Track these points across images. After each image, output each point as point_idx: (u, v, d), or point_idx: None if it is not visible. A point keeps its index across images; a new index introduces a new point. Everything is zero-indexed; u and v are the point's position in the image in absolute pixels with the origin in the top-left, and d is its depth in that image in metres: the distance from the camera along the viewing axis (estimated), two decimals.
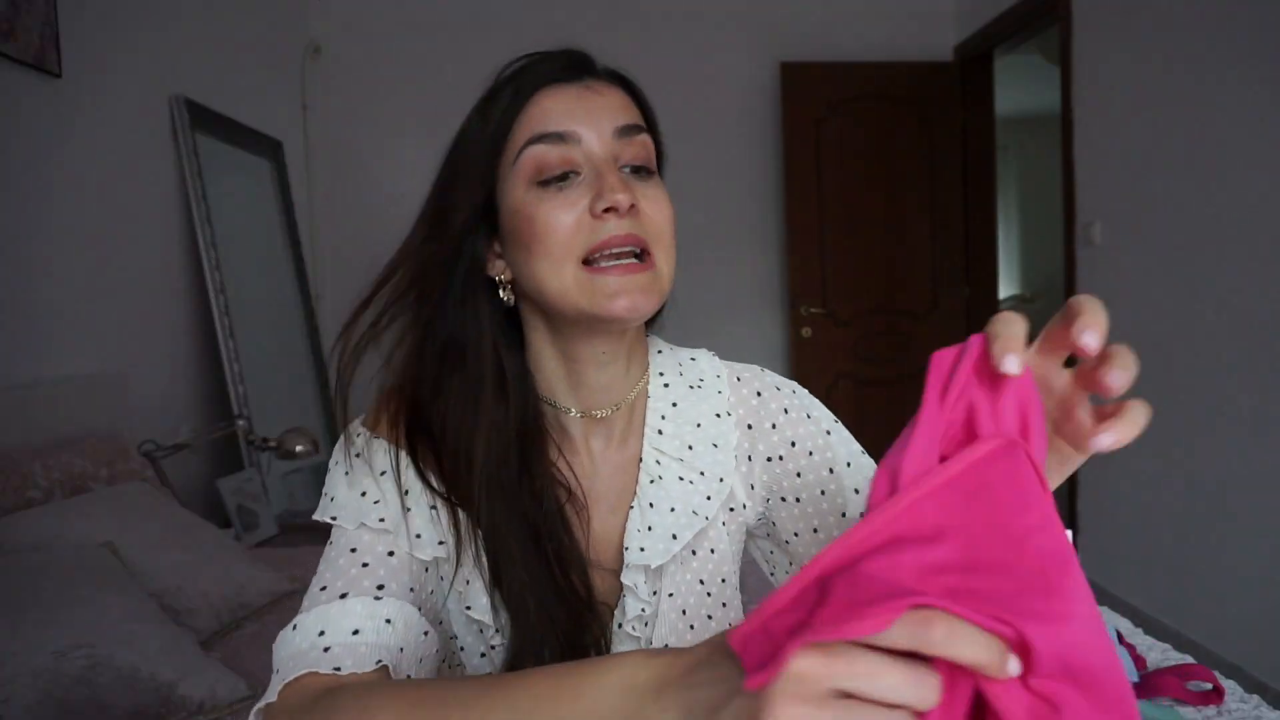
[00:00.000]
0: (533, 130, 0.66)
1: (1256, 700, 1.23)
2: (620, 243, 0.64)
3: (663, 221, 0.67)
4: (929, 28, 3.98)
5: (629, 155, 0.67)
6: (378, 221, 3.84)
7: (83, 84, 2.17)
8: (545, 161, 0.65)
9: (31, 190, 2.00)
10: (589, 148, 0.66)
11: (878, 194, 3.90)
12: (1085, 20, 3.02)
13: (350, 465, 0.68)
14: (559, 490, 0.71)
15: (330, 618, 0.60)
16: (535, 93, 0.67)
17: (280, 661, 0.59)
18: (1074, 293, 3.16)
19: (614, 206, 0.63)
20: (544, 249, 0.64)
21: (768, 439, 0.76)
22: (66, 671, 1.20)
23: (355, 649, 0.58)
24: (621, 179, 0.65)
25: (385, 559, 0.64)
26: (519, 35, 4.20)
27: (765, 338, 4.05)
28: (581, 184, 0.65)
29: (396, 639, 0.60)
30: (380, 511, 0.66)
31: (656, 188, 0.68)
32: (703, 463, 0.74)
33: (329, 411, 3.46)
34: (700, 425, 0.75)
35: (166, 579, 1.60)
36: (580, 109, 0.66)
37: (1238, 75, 2.34)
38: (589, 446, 0.74)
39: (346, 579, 0.62)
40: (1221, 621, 2.48)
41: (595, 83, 0.69)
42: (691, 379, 0.78)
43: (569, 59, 0.69)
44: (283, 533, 2.59)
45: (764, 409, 0.77)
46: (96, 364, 2.19)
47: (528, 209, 0.65)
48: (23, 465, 1.69)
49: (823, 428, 0.77)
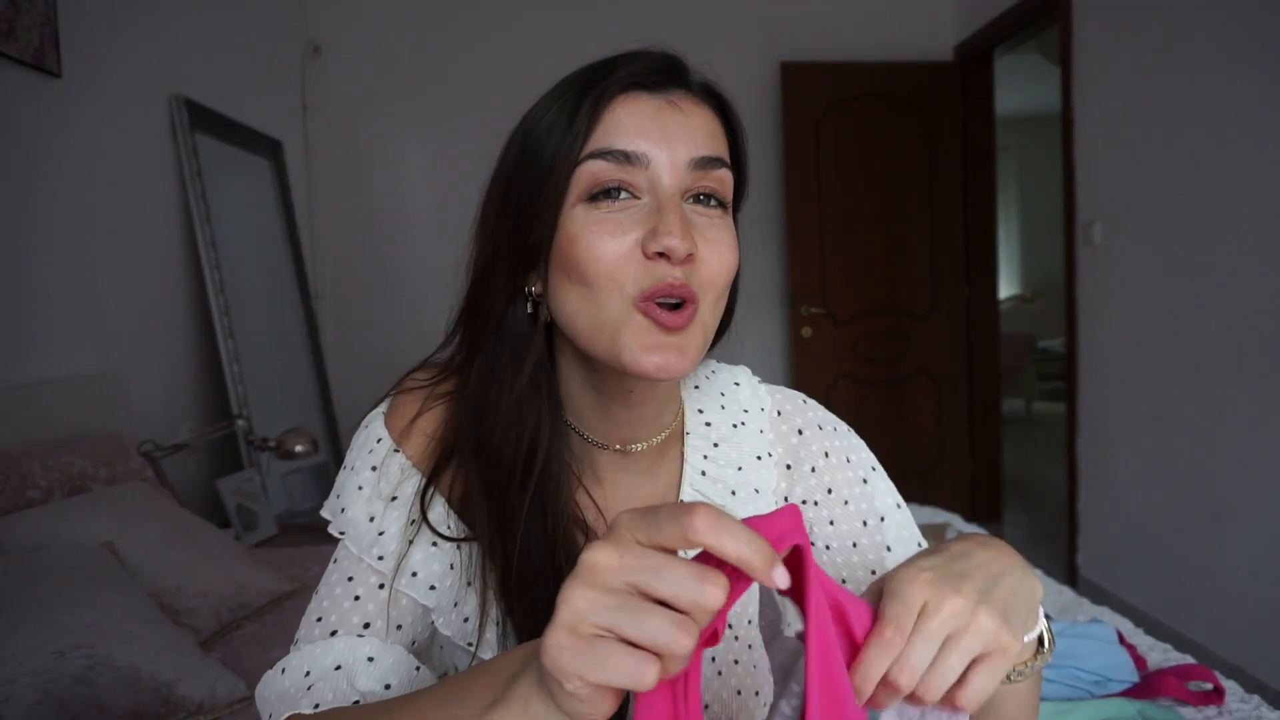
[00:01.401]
0: (599, 143, 0.58)
1: (1257, 700, 1.22)
2: (667, 293, 0.57)
3: (719, 270, 0.59)
4: (929, 28, 3.98)
5: (700, 188, 0.60)
6: (378, 221, 3.85)
7: (83, 84, 2.17)
8: (601, 179, 0.58)
9: (31, 190, 2.00)
10: (656, 174, 0.58)
11: (878, 194, 3.90)
12: (1085, 20, 3.02)
13: (363, 479, 0.66)
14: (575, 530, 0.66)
15: (314, 658, 0.60)
16: (611, 99, 0.59)
17: (267, 704, 0.59)
18: (1074, 293, 3.16)
19: (668, 253, 0.56)
20: (582, 276, 0.57)
21: (805, 482, 0.73)
22: (66, 671, 1.20)
23: (337, 684, 0.58)
24: (684, 220, 0.57)
25: (376, 592, 0.63)
26: (519, 35, 4.18)
27: (765, 338, 4.05)
28: (639, 211, 0.58)
29: (382, 675, 0.60)
30: (381, 547, 0.63)
31: (722, 230, 0.60)
32: (743, 509, 0.70)
33: (329, 411, 3.46)
34: (741, 469, 0.72)
35: (166, 579, 1.60)
36: (656, 127, 0.58)
37: (1238, 75, 2.34)
38: (616, 480, 0.69)
39: (340, 613, 0.62)
40: (1221, 621, 2.48)
41: (683, 97, 0.61)
42: (734, 415, 0.74)
43: (658, 62, 0.61)
44: (282, 533, 2.59)
45: (804, 449, 0.74)
46: (96, 364, 2.19)
47: (574, 228, 0.58)
48: (22, 465, 1.68)
49: (860, 475, 0.73)
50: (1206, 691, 1.23)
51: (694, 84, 0.63)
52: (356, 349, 3.76)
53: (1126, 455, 2.90)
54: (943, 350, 3.99)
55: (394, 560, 0.63)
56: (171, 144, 2.60)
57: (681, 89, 0.61)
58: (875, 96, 3.86)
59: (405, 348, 3.79)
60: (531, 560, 0.63)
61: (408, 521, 0.64)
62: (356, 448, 0.68)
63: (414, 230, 3.80)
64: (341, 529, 0.65)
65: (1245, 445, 2.38)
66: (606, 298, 0.57)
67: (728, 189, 0.62)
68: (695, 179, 0.59)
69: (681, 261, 0.57)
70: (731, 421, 0.73)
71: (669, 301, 0.57)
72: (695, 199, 0.60)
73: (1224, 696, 1.22)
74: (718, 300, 0.61)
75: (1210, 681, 1.25)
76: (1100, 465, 3.08)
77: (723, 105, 0.64)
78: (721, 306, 0.62)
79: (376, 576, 0.63)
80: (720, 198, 0.61)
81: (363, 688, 0.58)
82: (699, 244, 0.58)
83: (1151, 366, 2.75)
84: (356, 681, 0.58)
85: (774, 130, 3.92)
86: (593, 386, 0.66)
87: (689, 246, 0.56)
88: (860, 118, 3.85)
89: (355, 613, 0.62)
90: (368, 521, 0.64)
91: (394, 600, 0.63)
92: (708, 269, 0.59)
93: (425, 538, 0.64)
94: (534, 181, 0.59)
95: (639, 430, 0.68)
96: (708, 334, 0.61)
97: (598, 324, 0.58)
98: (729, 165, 0.62)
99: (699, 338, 0.59)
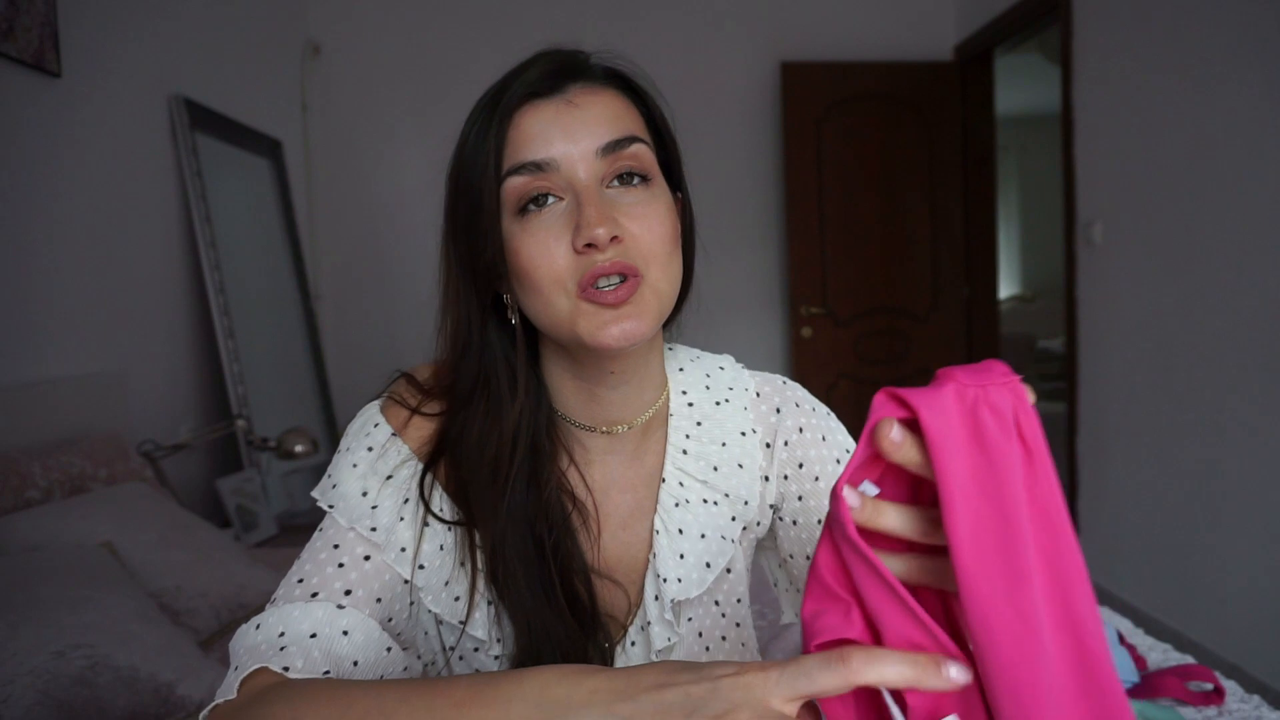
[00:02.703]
0: (511, 159, 0.62)
1: (1257, 700, 1.22)
2: (606, 273, 0.60)
3: (652, 239, 0.62)
4: (929, 28, 3.98)
5: (617, 169, 0.63)
6: (378, 221, 3.85)
7: (82, 84, 2.17)
8: (523, 192, 0.62)
9: (31, 190, 2.00)
10: (569, 173, 0.62)
11: (878, 194, 3.90)
12: (1086, 20, 3.02)
13: (358, 458, 0.68)
14: (565, 499, 0.69)
15: (291, 619, 0.60)
16: (513, 115, 0.63)
17: (237, 656, 0.59)
18: (1074, 293, 3.16)
19: (593, 243, 0.59)
20: (531, 283, 0.62)
21: (779, 456, 0.75)
22: (66, 671, 1.20)
23: (309, 652, 0.58)
24: (600, 209, 0.60)
25: (360, 563, 0.64)
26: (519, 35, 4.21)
27: (765, 338, 4.05)
28: (563, 212, 0.62)
29: (352, 651, 0.60)
30: (374, 520, 0.65)
31: (646, 202, 0.63)
32: (727, 485, 0.73)
33: (329, 411, 3.46)
34: (725, 445, 0.74)
35: (165, 579, 1.60)
36: (556, 130, 0.62)
37: (1238, 75, 2.34)
38: (604, 461, 0.72)
39: (321, 577, 0.63)
40: (1221, 621, 2.48)
41: (579, 92, 0.63)
42: (717, 394, 0.76)
43: (547, 67, 0.64)
44: (282, 533, 2.59)
45: (781, 425, 0.75)
46: (96, 364, 2.19)
47: (514, 242, 0.63)
48: (22, 465, 1.68)
49: (834, 455, 0.75)
50: (1207, 691, 1.23)
51: (594, 72, 0.66)
52: (356, 349, 3.76)
53: (1126, 455, 2.89)
54: (943, 350, 3.99)
55: (385, 535, 0.65)
56: (171, 144, 2.60)
57: (579, 83, 0.64)
58: (875, 96, 3.86)
59: (405, 348, 3.80)
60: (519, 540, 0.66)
61: (401, 500, 0.66)
62: (352, 433, 0.70)
63: (414, 230, 3.80)
64: (331, 502, 0.66)
65: (1245, 445, 2.37)
66: (554, 297, 0.62)
67: (646, 161, 0.64)
68: (609, 164, 0.62)
69: (610, 245, 0.60)
70: (715, 399, 0.75)
71: (609, 282, 0.61)
72: (620, 183, 0.63)
73: (1224, 696, 1.22)
74: (665, 265, 0.64)
75: (1210, 681, 1.25)
76: (1100, 465, 3.08)
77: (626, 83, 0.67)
78: (674, 269, 0.65)
79: (364, 547, 0.65)
80: (640, 172, 0.64)
81: (333, 661, 0.59)
82: (625, 223, 0.61)
83: (1151, 367, 2.75)
84: (329, 654, 0.59)
85: (774, 130, 3.92)
86: (575, 374, 0.69)
87: (610, 230, 0.60)
88: (860, 118, 3.85)
89: (338, 579, 0.63)
90: (360, 496, 0.66)
91: (378, 573, 0.64)
92: (642, 243, 0.62)
93: (417, 518, 0.66)
94: (472, 206, 0.64)
95: (623, 411, 0.71)
96: (662, 298, 0.64)
97: (555, 320, 0.63)
98: (642, 139, 0.65)
99: (652, 303, 0.63)
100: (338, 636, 0.60)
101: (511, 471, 0.66)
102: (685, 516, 0.71)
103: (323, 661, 0.58)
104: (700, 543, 0.71)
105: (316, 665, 0.58)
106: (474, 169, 0.64)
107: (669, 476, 0.72)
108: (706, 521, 0.72)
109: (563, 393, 0.70)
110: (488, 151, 0.63)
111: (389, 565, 0.65)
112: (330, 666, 0.58)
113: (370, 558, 0.64)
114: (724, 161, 3.90)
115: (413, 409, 0.69)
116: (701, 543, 0.71)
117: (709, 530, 0.71)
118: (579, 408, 0.70)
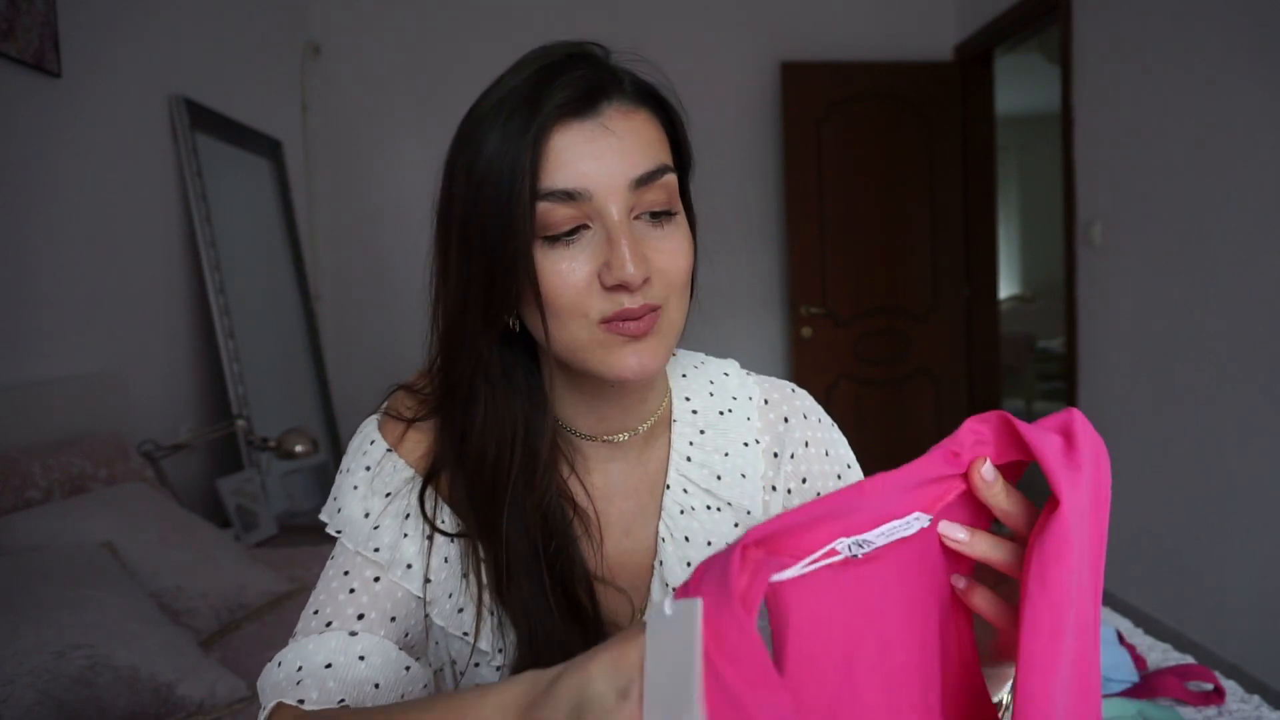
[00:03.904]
0: (545, 182, 0.59)
1: (1257, 700, 1.23)
2: (635, 316, 0.60)
3: (677, 272, 0.62)
4: (929, 28, 3.98)
5: (648, 202, 0.61)
6: (378, 221, 3.85)
7: (82, 84, 2.17)
8: (551, 220, 0.59)
9: (31, 190, 2.00)
10: (600, 204, 0.59)
11: (878, 194, 3.90)
12: (1086, 20, 3.02)
13: (358, 479, 0.68)
14: (566, 506, 0.69)
15: (307, 652, 0.61)
16: (549, 132, 0.59)
17: (263, 694, 0.61)
18: (1074, 293, 3.16)
19: (625, 284, 0.58)
20: (552, 310, 0.60)
21: (785, 469, 0.75)
22: (66, 671, 1.20)
23: (324, 683, 0.59)
24: (635, 248, 0.59)
25: (371, 585, 0.65)
26: (519, 35, 4.20)
27: (765, 338, 4.05)
28: (592, 241, 0.60)
29: (371, 674, 0.61)
30: (377, 540, 0.66)
31: (673, 237, 0.62)
32: (730, 494, 0.72)
33: (329, 411, 3.46)
34: (728, 454, 0.73)
35: (166, 579, 1.60)
36: (590, 156, 0.59)
37: (1238, 75, 2.34)
38: (605, 468, 0.72)
39: (334, 606, 0.64)
40: (1221, 621, 2.48)
41: (613, 113, 0.60)
42: (721, 403, 0.75)
43: (586, 83, 0.60)
44: (282, 533, 2.59)
45: (788, 437, 0.75)
46: (96, 364, 2.19)
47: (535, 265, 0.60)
48: (22, 465, 1.68)
49: (835, 470, 0.75)
50: (1206, 691, 1.23)
51: (627, 89, 0.62)
52: (356, 349, 3.76)
53: (1126, 455, 2.89)
54: (943, 350, 3.99)
55: (389, 553, 0.66)
56: (171, 144, 2.60)
57: (613, 103, 0.61)
58: (875, 96, 3.86)
59: (405, 348, 3.79)
60: (520, 548, 0.65)
61: (403, 516, 0.67)
62: (351, 451, 0.71)
63: (414, 230, 3.76)
64: (339, 528, 0.67)
65: (1245, 445, 2.37)
66: (573, 324, 0.60)
67: (672, 190, 0.63)
68: (639, 196, 0.60)
69: (641, 286, 0.59)
70: (718, 409, 0.75)
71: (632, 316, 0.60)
72: (650, 218, 0.61)
73: (1224, 696, 1.22)
74: (682, 295, 0.64)
75: (1210, 681, 1.25)
76: None
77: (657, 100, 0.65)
78: (686, 297, 0.65)
79: (372, 569, 0.66)
80: (670, 209, 0.62)
81: (350, 688, 0.60)
82: (653, 259, 0.60)
83: (1151, 366, 2.75)
84: (345, 681, 0.60)
85: (774, 130, 3.92)
86: (574, 385, 0.69)
87: (643, 272, 0.59)
88: (860, 117, 3.85)
89: (350, 605, 0.64)
90: (363, 517, 0.67)
91: (389, 593, 0.65)
92: (667, 277, 0.61)
93: (420, 532, 0.67)
94: (498, 222, 0.59)
95: (624, 420, 0.71)
96: (676, 327, 0.64)
97: (569, 346, 0.62)
98: (671, 166, 0.63)
99: (669, 334, 0.63)
100: (354, 663, 0.61)
101: (511, 480, 0.66)
102: (691, 524, 0.71)
103: (338, 690, 0.59)
104: (707, 550, 0.71)
105: (332, 695, 0.59)
106: (501, 187, 0.59)
107: (673, 483, 0.72)
108: (712, 529, 0.71)
109: (562, 403, 0.70)
110: (521, 173, 0.58)
111: (398, 583, 0.66)
112: (347, 693, 0.60)
113: (379, 579, 0.65)
114: (724, 162, 3.90)
115: (408, 421, 0.69)
116: (708, 550, 0.71)
117: (715, 538, 0.71)
118: (578, 418, 0.70)
